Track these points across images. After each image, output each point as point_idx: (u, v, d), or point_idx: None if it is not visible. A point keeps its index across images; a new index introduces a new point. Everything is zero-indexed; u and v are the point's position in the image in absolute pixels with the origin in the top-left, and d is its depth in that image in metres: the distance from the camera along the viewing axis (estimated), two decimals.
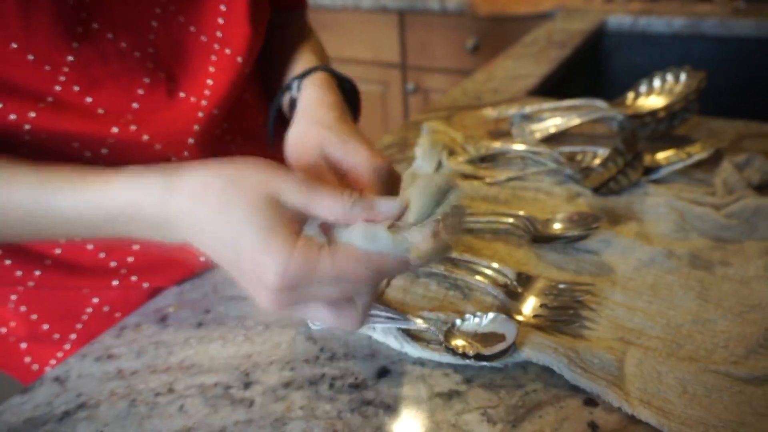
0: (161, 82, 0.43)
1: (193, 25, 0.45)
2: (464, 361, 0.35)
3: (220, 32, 0.45)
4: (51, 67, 0.38)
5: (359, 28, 1.67)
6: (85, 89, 0.40)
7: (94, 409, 0.35)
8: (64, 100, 0.39)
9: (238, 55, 0.46)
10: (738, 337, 0.36)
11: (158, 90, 0.43)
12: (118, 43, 0.40)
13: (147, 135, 0.42)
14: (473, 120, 0.71)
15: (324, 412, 0.33)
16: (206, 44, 0.45)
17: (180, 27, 0.44)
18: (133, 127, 0.42)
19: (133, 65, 0.41)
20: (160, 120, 0.43)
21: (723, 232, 0.45)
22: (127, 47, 0.41)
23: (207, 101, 0.45)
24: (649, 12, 1.18)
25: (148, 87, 0.42)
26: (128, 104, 0.42)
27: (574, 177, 0.53)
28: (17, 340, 0.50)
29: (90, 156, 0.42)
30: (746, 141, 0.61)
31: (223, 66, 0.46)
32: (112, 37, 0.40)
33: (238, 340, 0.39)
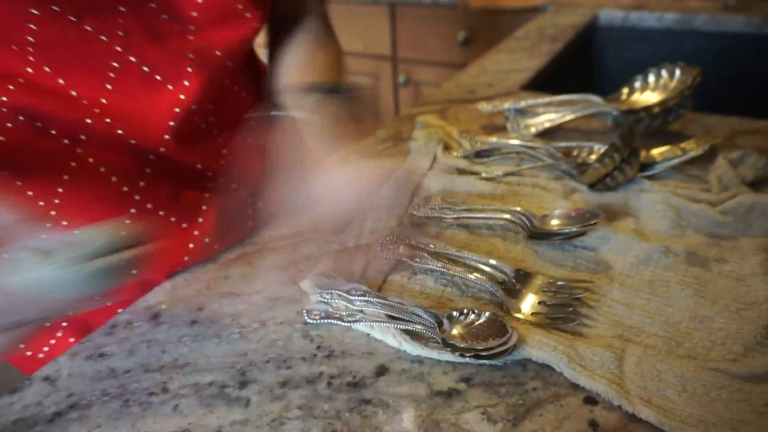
0: (132, 66, 0.42)
1: (165, 12, 0.43)
2: (463, 360, 0.35)
3: (193, 26, 0.44)
4: (17, 47, 0.38)
5: (350, 20, 1.65)
6: (56, 71, 0.39)
7: (85, 410, 0.34)
8: (37, 82, 0.39)
9: (216, 48, 0.45)
10: (736, 335, 0.36)
11: (130, 75, 0.42)
12: (82, 26, 0.39)
13: (121, 129, 0.42)
14: (468, 114, 0.71)
15: (322, 411, 0.33)
16: (180, 32, 0.44)
17: (152, 13, 0.42)
18: (108, 120, 0.41)
19: (99, 49, 0.40)
20: (136, 113, 0.42)
21: (719, 229, 0.45)
22: (93, 31, 0.40)
23: (185, 94, 0.43)
24: (641, 7, 1.18)
25: (118, 71, 0.41)
26: (101, 87, 0.41)
27: (570, 173, 0.53)
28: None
29: (69, 144, 0.41)
30: (740, 137, 0.61)
31: (202, 54, 0.44)
32: (76, 20, 0.39)
33: (233, 337, 0.38)
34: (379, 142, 0.65)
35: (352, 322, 0.38)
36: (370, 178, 0.42)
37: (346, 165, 0.42)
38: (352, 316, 0.38)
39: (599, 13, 1.18)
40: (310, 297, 0.41)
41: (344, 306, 0.39)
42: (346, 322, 0.38)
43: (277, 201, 0.54)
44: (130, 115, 0.42)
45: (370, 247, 0.45)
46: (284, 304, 0.41)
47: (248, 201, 0.51)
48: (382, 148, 0.63)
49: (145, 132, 0.43)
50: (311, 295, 0.41)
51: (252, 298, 0.42)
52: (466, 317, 0.36)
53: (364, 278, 0.43)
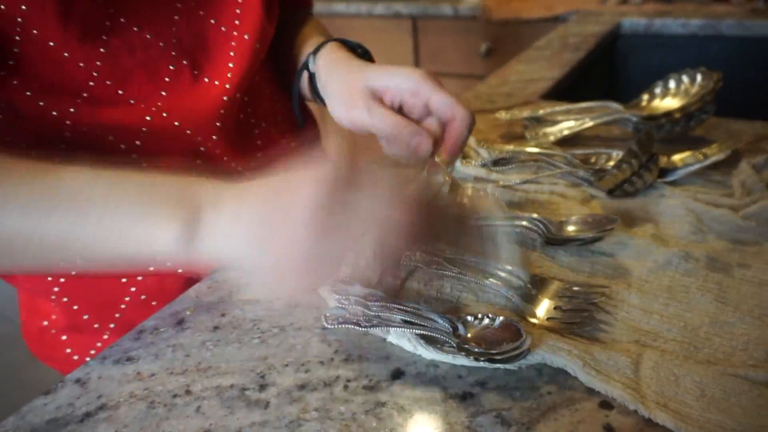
0: (185, 68, 0.46)
1: (213, 18, 0.48)
2: (478, 364, 0.35)
3: (237, 20, 0.49)
4: (84, 63, 0.41)
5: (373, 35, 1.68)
6: (117, 82, 0.43)
7: (113, 411, 0.35)
8: (99, 95, 0.42)
9: (255, 40, 0.49)
10: (757, 340, 0.35)
11: (183, 76, 0.46)
12: (143, 34, 0.43)
13: (177, 121, 0.45)
14: (486, 123, 0.71)
15: (338, 413, 0.33)
16: (225, 33, 0.48)
17: (200, 20, 0.47)
18: (165, 114, 0.45)
19: (157, 54, 0.44)
20: (188, 106, 0.46)
21: (741, 234, 0.44)
22: (152, 38, 0.44)
23: (230, 85, 0.48)
24: (665, 14, 1.17)
25: (173, 74, 0.45)
26: (157, 92, 0.45)
27: (588, 179, 0.53)
28: (58, 332, 0.52)
29: (125, 148, 0.45)
30: (765, 142, 0.60)
31: (242, 52, 0.49)
32: (138, 30, 0.43)
33: (253, 342, 0.40)
34: None
35: (368, 326, 0.39)
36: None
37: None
38: (369, 321, 0.39)
39: (622, 20, 1.17)
40: (328, 303, 0.42)
41: (361, 311, 0.39)
42: (363, 326, 0.39)
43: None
44: (184, 108, 0.46)
45: None
46: (303, 310, 0.42)
47: None
48: None
49: (199, 121, 0.46)
50: (329, 301, 0.42)
51: (272, 304, 0.43)
52: (480, 322, 0.37)
53: (381, 285, 0.43)
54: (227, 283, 0.47)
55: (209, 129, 0.47)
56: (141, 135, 0.45)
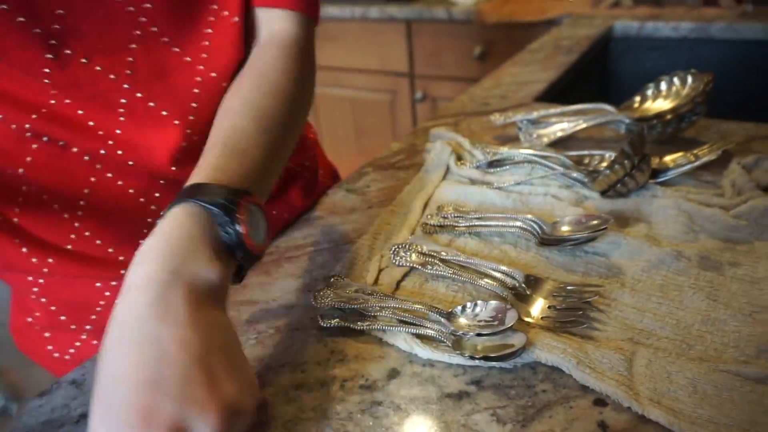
0: (138, 101, 0.43)
1: (177, 46, 0.45)
2: (473, 362, 0.36)
3: (205, 54, 0.46)
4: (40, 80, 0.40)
5: (367, 38, 1.68)
6: (75, 103, 0.42)
7: None
8: (59, 112, 0.41)
9: (223, 80, 0.46)
10: (748, 337, 0.35)
11: (137, 109, 0.43)
12: (92, 66, 0.41)
13: (131, 160, 0.44)
14: (480, 126, 0.72)
15: (335, 413, 0.34)
16: (190, 64, 0.45)
17: (162, 47, 0.44)
18: (119, 152, 0.44)
19: (108, 87, 0.42)
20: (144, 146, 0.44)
21: (732, 233, 0.45)
22: (102, 71, 0.42)
23: (191, 129, 0.45)
24: (656, 17, 1.18)
25: (127, 106, 0.43)
26: (114, 120, 0.43)
27: (581, 180, 0.53)
28: (41, 329, 0.52)
29: (89, 160, 0.44)
30: (756, 142, 0.60)
31: (207, 89, 0.45)
32: (86, 61, 0.41)
33: (250, 343, 0.40)
34: (393, 155, 0.66)
35: (364, 326, 0.39)
36: None
37: None
38: (365, 321, 0.39)
39: (614, 24, 1.18)
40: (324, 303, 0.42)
41: (357, 311, 0.40)
42: (359, 327, 0.39)
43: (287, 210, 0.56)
44: (139, 147, 0.44)
45: (383, 255, 0.46)
46: (299, 311, 0.42)
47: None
48: (396, 161, 0.65)
49: (153, 163, 0.45)
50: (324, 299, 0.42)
51: (268, 305, 0.43)
52: (473, 309, 0.37)
53: (377, 285, 0.44)
54: None
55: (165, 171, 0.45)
56: (107, 145, 0.44)
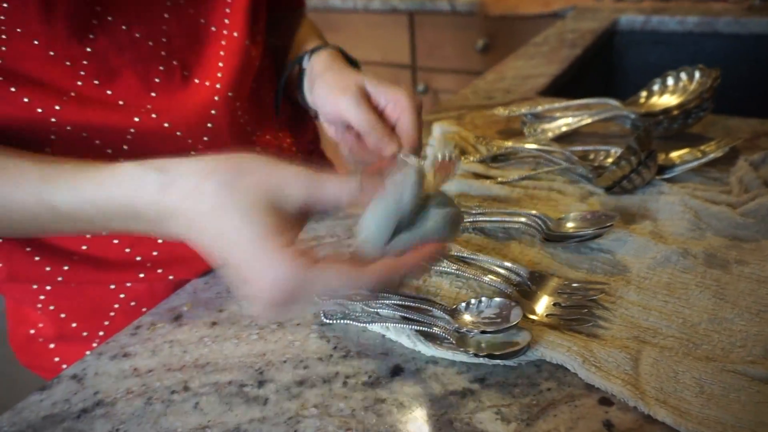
0: (176, 69, 0.45)
1: (203, 17, 0.47)
2: (477, 360, 0.35)
3: (227, 19, 0.48)
4: (71, 62, 0.40)
5: (369, 30, 1.67)
6: (105, 82, 0.42)
7: (110, 407, 0.35)
8: (86, 94, 0.41)
9: (244, 38, 0.49)
10: (756, 337, 0.35)
11: (173, 76, 0.45)
12: (132, 33, 0.42)
13: (168, 122, 0.44)
14: (484, 120, 0.71)
15: (338, 410, 0.33)
16: (216, 33, 0.48)
17: (190, 18, 0.46)
18: (154, 116, 0.44)
19: (147, 54, 0.43)
20: (179, 106, 0.45)
21: (739, 231, 0.44)
22: (141, 37, 0.43)
23: (221, 84, 0.47)
24: (661, 11, 1.17)
25: (163, 74, 0.44)
26: (146, 93, 0.44)
27: (586, 176, 0.53)
28: (46, 341, 0.51)
29: (111, 153, 0.43)
30: (762, 139, 0.60)
31: (232, 50, 0.48)
32: (126, 28, 0.42)
33: (251, 338, 0.39)
34: None
35: (367, 323, 0.38)
36: None
37: None
38: (368, 317, 0.39)
39: (619, 17, 1.17)
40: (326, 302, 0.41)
41: (360, 307, 0.39)
42: (362, 322, 0.39)
43: None
44: (174, 109, 0.45)
45: None
46: None
47: None
48: None
49: (189, 122, 0.45)
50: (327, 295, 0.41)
51: None
52: (477, 306, 0.37)
53: None
54: (224, 278, 0.46)
55: (200, 130, 0.46)
56: (128, 138, 0.43)
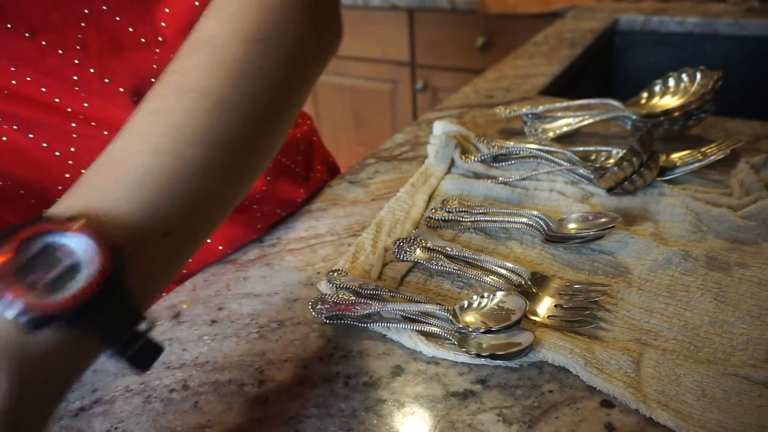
0: (93, 77, 0.40)
1: (132, 26, 0.42)
2: (479, 361, 0.35)
3: (161, 37, 0.43)
4: None
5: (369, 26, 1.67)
6: (36, 80, 0.39)
7: (109, 405, 0.35)
8: (22, 91, 0.39)
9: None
10: (757, 340, 0.35)
11: (92, 85, 0.40)
12: (38, 41, 0.38)
13: (107, 130, 0.41)
14: (485, 118, 0.71)
15: (339, 410, 0.33)
16: (146, 45, 0.43)
17: (116, 25, 0.41)
18: (93, 123, 0.41)
19: (56, 62, 0.39)
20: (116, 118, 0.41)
21: (740, 234, 0.44)
22: (48, 45, 0.39)
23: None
24: (661, 11, 1.17)
25: (81, 83, 0.40)
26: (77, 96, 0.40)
27: (588, 177, 0.53)
28: None
29: (60, 156, 0.42)
30: (763, 141, 0.60)
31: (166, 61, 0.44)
32: (30, 36, 0.38)
33: (251, 337, 0.39)
34: (396, 147, 0.65)
35: (368, 323, 0.38)
36: None
37: None
38: (369, 317, 0.38)
39: (619, 17, 1.17)
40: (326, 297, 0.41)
41: (360, 306, 0.39)
42: (363, 322, 0.38)
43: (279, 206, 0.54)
44: (111, 118, 0.41)
45: (386, 250, 0.46)
46: (302, 305, 0.42)
47: (253, 207, 0.51)
48: (399, 153, 0.64)
49: None
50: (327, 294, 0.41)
51: (270, 298, 0.43)
52: (479, 303, 0.37)
53: (381, 280, 0.43)
54: (224, 275, 0.46)
55: None
56: (74, 138, 0.41)
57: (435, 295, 0.41)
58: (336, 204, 0.55)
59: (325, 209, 0.54)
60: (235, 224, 0.49)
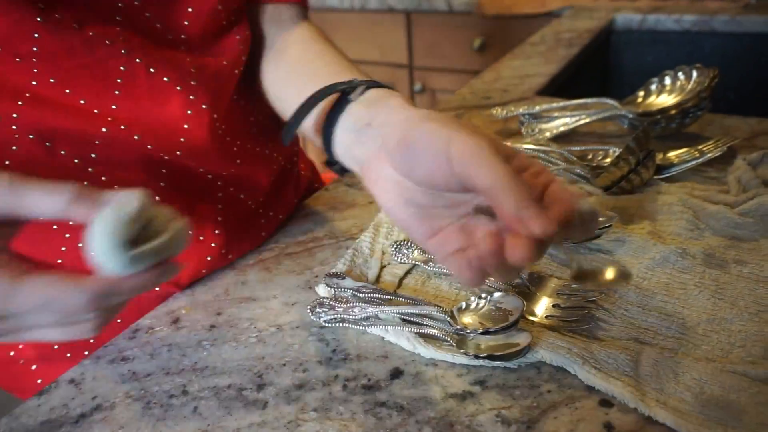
0: (139, 67, 0.40)
1: (159, 22, 0.42)
2: (477, 362, 0.35)
3: (184, 35, 0.44)
4: (21, 59, 0.37)
5: (366, 29, 1.67)
6: (61, 81, 0.38)
7: (109, 411, 0.35)
8: (44, 95, 0.38)
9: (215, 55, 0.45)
10: (755, 337, 0.35)
11: (138, 76, 0.41)
12: (84, 32, 0.38)
13: (137, 135, 0.41)
14: (482, 119, 0.71)
15: (337, 413, 0.33)
16: (173, 42, 0.43)
17: (146, 22, 0.42)
18: (123, 126, 0.41)
19: (104, 53, 0.39)
20: (148, 117, 0.41)
21: (737, 231, 0.45)
22: (95, 36, 0.39)
23: (194, 96, 0.42)
24: (658, 9, 1.17)
25: (126, 74, 0.40)
26: (108, 94, 0.40)
27: (585, 176, 0.53)
28: (27, 363, 0.48)
29: (79, 163, 0.41)
30: (760, 138, 0.60)
31: (201, 64, 0.44)
32: (77, 28, 0.38)
33: (250, 341, 0.39)
34: None
35: (367, 325, 0.38)
36: None
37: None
38: (367, 319, 0.39)
39: (616, 16, 1.17)
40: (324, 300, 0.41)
41: (359, 309, 0.39)
42: (361, 325, 0.38)
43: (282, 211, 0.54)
44: (143, 119, 0.41)
45: (384, 252, 0.46)
46: (300, 309, 0.42)
47: (259, 211, 0.51)
48: None
49: (160, 136, 0.42)
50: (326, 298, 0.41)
51: (269, 302, 0.43)
52: (476, 304, 0.37)
53: (379, 282, 0.43)
54: (223, 280, 0.46)
55: (172, 145, 0.42)
56: (96, 144, 0.40)
57: (433, 296, 0.41)
58: (333, 207, 0.55)
59: (323, 213, 0.55)
60: (244, 233, 0.49)
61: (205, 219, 0.47)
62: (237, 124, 0.49)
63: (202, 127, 0.43)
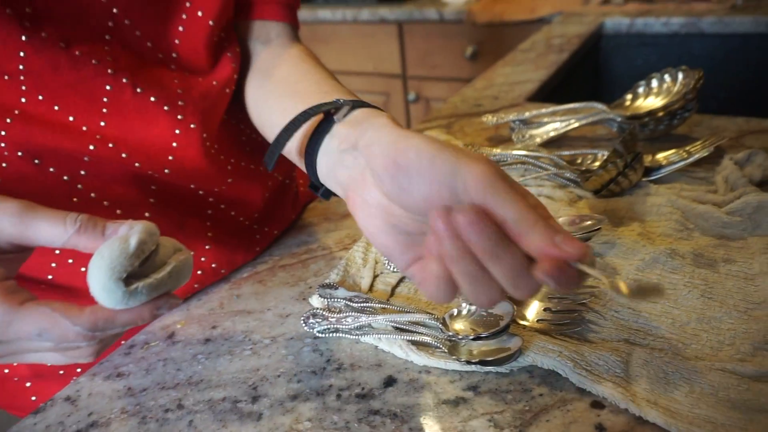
0: (125, 87, 0.41)
1: (150, 41, 0.43)
2: (469, 368, 0.35)
3: (175, 53, 0.44)
4: (9, 76, 0.37)
5: (359, 41, 1.68)
6: (49, 98, 0.39)
7: (105, 428, 0.35)
8: (32, 112, 0.38)
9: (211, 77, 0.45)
10: (744, 335, 0.35)
11: (124, 95, 0.41)
12: (72, 51, 0.39)
13: (125, 153, 0.41)
14: (473, 127, 0.72)
15: (332, 422, 0.33)
16: (163, 61, 0.44)
17: (137, 40, 0.42)
18: (110, 144, 0.41)
19: (90, 72, 0.39)
20: (136, 136, 0.42)
21: (726, 230, 0.45)
22: (82, 55, 0.39)
23: (182, 115, 0.43)
24: (646, 13, 1.18)
25: (112, 94, 0.40)
26: (96, 112, 0.40)
27: (574, 180, 0.53)
28: (21, 380, 0.48)
29: (68, 180, 0.41)
30: (748, 137, 0.61)
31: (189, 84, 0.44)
32: (65, 46, 0.38)
33: (245, 354, 0.39)
34: None
35: (360, 335, 0.39)
36: None
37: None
38: (360, 329, 0.39)
39: (605, 21, 1.18)
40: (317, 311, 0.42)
41: (351, 319, 0.39)
42: (354, 335, 0.39)
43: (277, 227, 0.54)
44: (131, 137, 0.41)
45: (377, 262, 0.46)
46: (294, 320, 0.42)
47: (253, 227, 0.52)
48: None
49: (149, 154, 0.42)
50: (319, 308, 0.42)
51: (263, 315, 0.43)
52: (468, 310, 0.37)
53: (372, 291, 0.43)
54: (217, 294, 0.46)
55: (161, 163, 0.43)
56: (84, 161, 0.40)
57: (425, 304, 0.42)
58: (327, 218, 0.56)
59: (316, 224, 0.55)
60: (236, 248, 0.49)
61: (195, 235, 0.47)
62: (230, 142, 0.49)
63: (192, 147, 0.44)
